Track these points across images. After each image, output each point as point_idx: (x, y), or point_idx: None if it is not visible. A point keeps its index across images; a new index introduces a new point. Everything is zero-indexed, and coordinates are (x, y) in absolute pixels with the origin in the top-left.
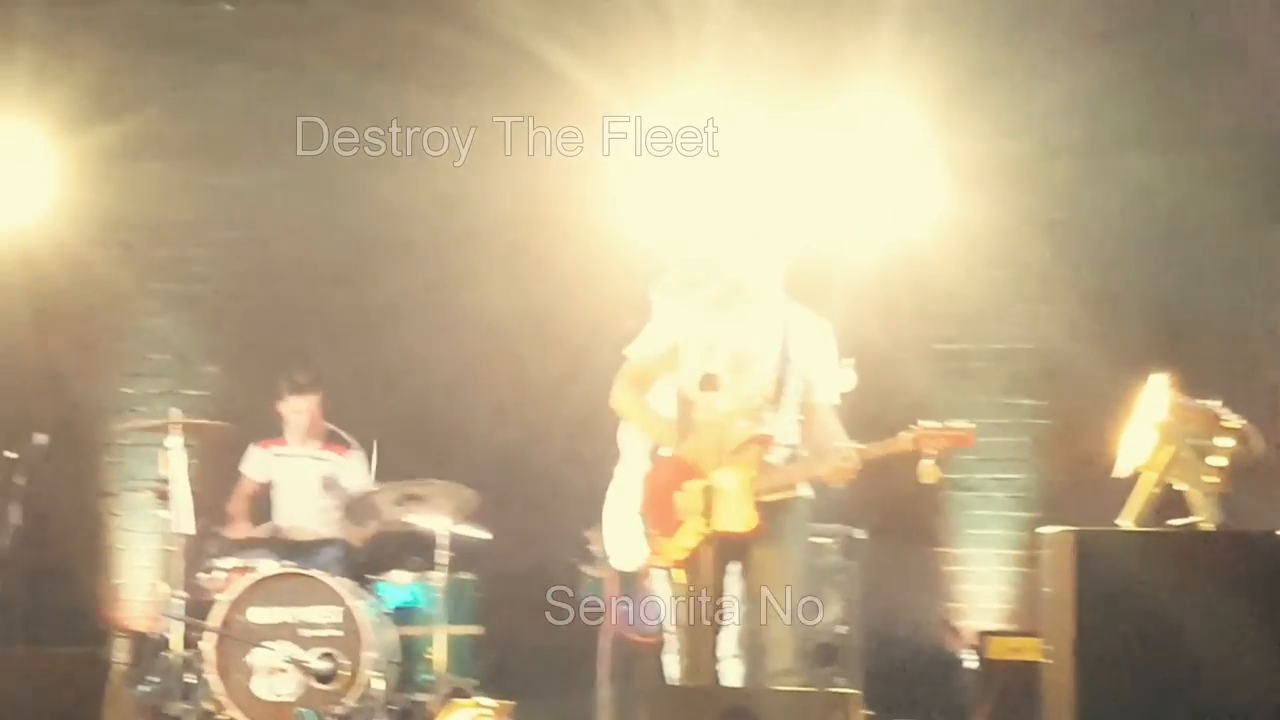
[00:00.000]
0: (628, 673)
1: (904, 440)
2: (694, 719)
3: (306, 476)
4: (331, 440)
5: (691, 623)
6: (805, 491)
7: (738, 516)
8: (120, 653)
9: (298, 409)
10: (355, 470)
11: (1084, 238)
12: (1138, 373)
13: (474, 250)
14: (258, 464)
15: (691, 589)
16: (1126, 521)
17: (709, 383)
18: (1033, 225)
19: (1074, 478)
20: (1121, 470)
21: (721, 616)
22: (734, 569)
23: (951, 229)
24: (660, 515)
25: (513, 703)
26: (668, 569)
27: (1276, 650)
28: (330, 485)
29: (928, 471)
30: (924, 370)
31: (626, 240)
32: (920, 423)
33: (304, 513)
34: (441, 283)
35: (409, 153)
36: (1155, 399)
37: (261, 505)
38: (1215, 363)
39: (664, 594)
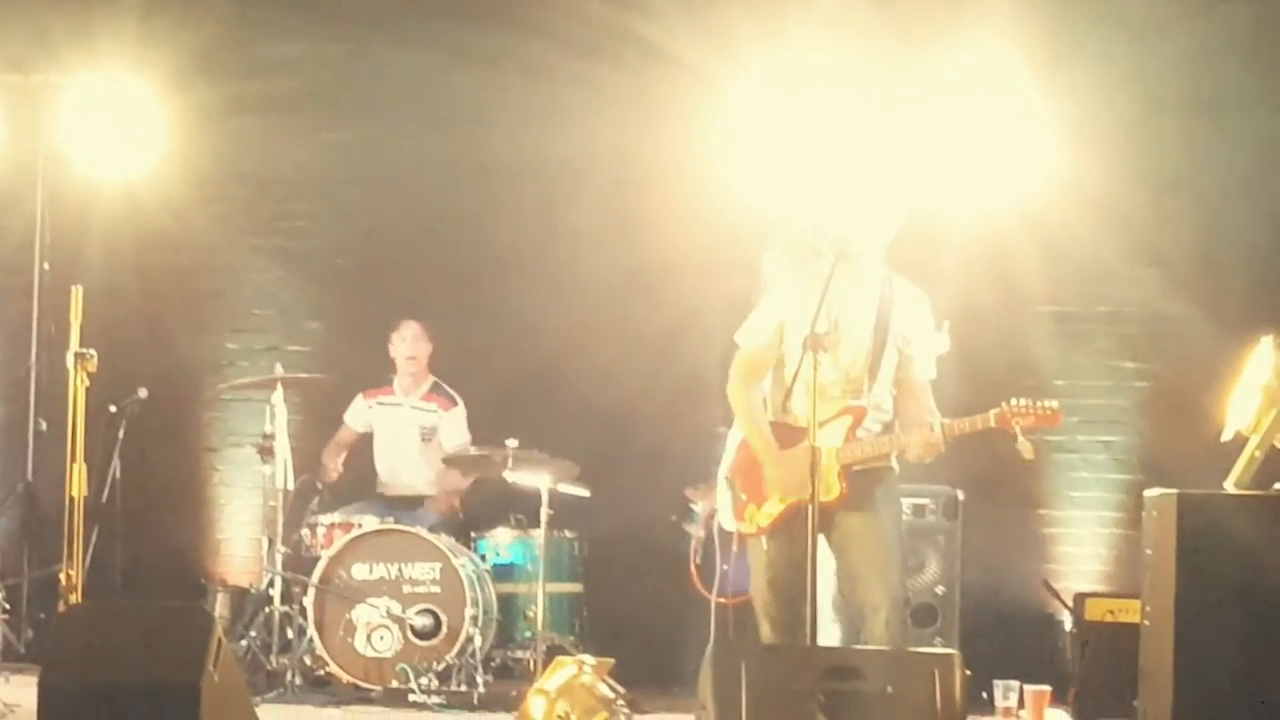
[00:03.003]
0: (729, 631)
1: (988, 418)
2: (793, 678)
3: (406, 426)
4: (435, 392)
5: (774, 589)
6: (893, 463)
7: (822, 485)
8: (220, 607)
9: (404, 337)
10: (455, 426)
11: (1192, 199)
12: (1245, 336)
13: (583, 211)
14: (358, 413)
15: (774, 559)
16: (1231, 485)
17: (815, 343)
18: (1141, 187)
19: (1178, 441)
20: (1227, 434)
21: (809, 585)
22: (822, 540)
23: (1059, 190)
24: (750, 483)
25: (612, 660)
26: (755, 536)
27: None
28: (429, 437)
29: (1026, 449)
30: (1029, 332)
31: (735, 203)
32: (1011, 400)
33: (402, 464)
34: (550, 243)
35: (518, 113)
36: (1261, 362)
37: (357, 458)
38: None
39: (752, 560)
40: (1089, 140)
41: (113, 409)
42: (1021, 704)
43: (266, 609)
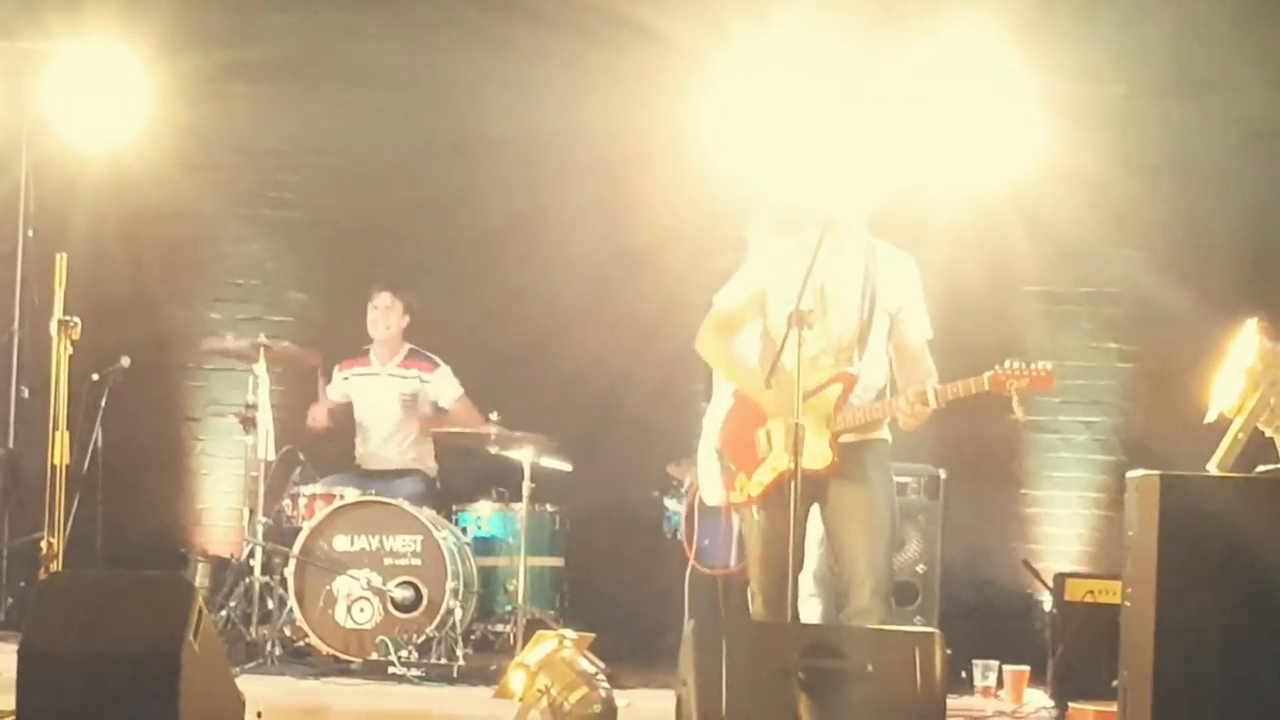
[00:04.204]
0: (711, 606)
1: (983, 381)
2: (775, 654)
3: (387, 395)
4: (413, 358)
5: (767, 561)
6: (885, 435)
7: (813, 454)
8: (201, 577)
9: (376, 305)
10: (445, 384)
11: (1177, 181)
12: (1229, 318)
13: (568, 188)
14: (337, 386)
15: (767, 528)
16: (1213, 467)
17: (800, 319)
18: (1126, 168)
19: (1160, 422)
20: (1210, 416)
21: (800, 555)
22: (815, 510)
23: (1044, 171)
24: (740, 452)
25: (593, 635)
26: (746, 506)
27: None
28: (410, 404)
29: (1020, 410)
30: (1013, 312)
31: (722, 179)
32: (1004, 363)
33: (379, 433)
34: (536, 220)
35: (506, 89)
36: (1245, 344)
37: (337, 427)
38: None
39: (742, 530)
40: (1075, 121)
41: (95, 377)
42: (1000, 683)
43: (247, 579)
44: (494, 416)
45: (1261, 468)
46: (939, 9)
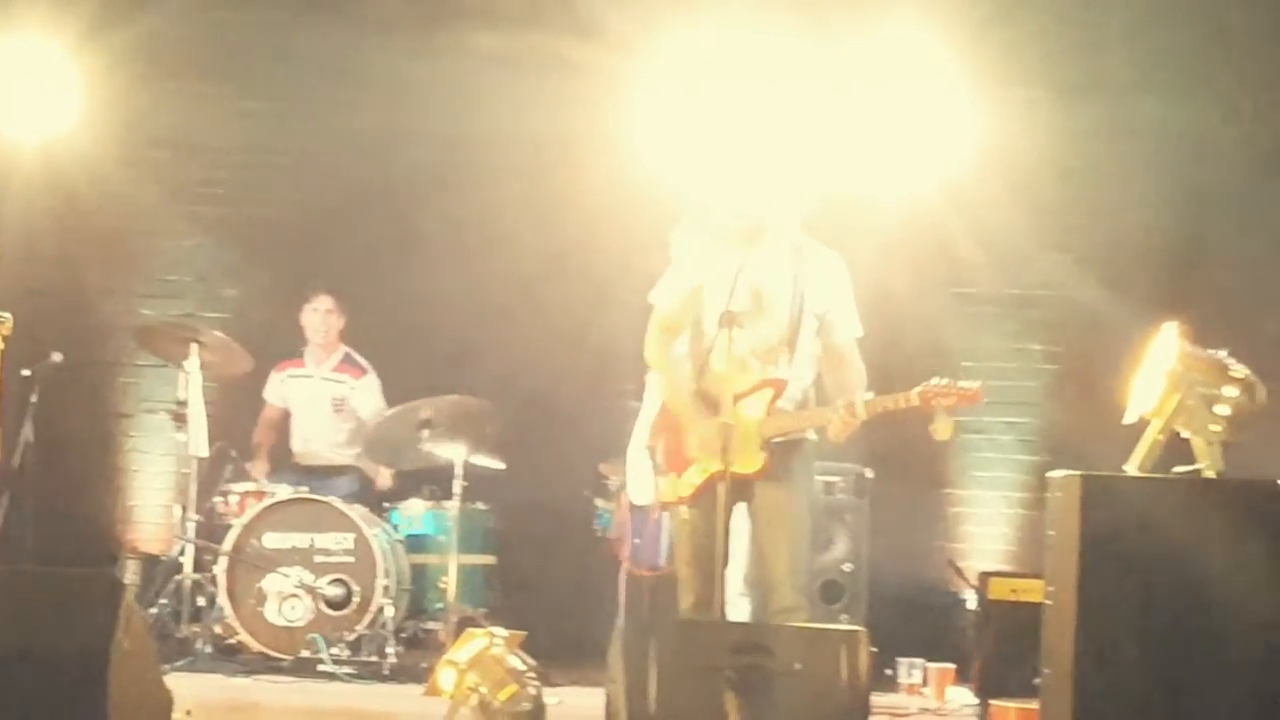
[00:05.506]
0: (641, 605)
1: (912, 397)
2: (705, 653)
3: (319, 398)
4: (346, 363)
5: (697, 560)
6: (811, 434)
7: (744, 457)
8: (131, 574)
9: (316, 309)
10: (368, 394)
11: (1098, 184)
12: (1149, 321)
13: (499, 188)
14: (275, 389)
15: (698, 527)
16: (1132, 468)
17: (730, 319)
18: (1050, 171)
19: (1083, 423)
20: (1130, 417)
21: (727, 555)
22: (741, 508)
23: (971, 174)
24: (670, 452)
25: (524, 633)
26: (676, 506)
27: (1275, 597)
28: (340, 408)
29: (943, 429)
30: (938, 314)
31: (650, 178)
32: (931, 380)
33: (318, 436)
34: (466, 219)
35: (438, 88)
36: (1165, 347)
37: (286, 434)
38: (1224, 313)
39: (672, 530)
40: (998, 124)
41: (26, 373)
42: (925, 681)
43: (177, 577)
44: (423, 415)
45: (1178, 469)
46: (863, 12)
